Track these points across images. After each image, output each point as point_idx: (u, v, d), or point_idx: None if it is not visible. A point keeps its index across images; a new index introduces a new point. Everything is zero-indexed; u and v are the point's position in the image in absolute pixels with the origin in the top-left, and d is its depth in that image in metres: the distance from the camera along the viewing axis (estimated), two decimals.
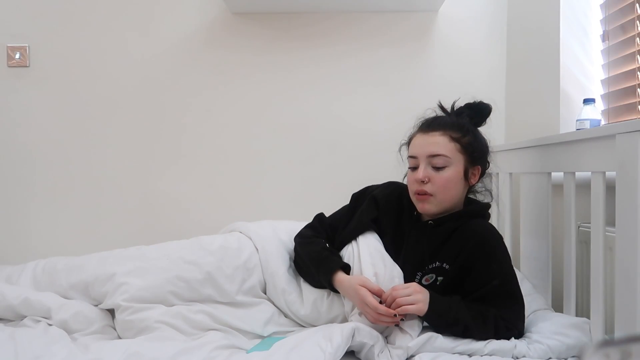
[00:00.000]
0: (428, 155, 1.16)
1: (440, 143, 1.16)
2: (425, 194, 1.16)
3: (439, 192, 1.16)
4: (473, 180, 1.22)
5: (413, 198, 1.21)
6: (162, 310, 1.19)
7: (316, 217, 1.37)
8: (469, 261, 1.13)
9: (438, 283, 1.16)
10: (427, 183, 1.16)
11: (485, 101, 1.25)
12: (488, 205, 1.25)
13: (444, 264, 1.16)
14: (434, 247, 1.18)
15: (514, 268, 1.19)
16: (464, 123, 1.21)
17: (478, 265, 1.13)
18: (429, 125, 1.21)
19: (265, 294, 1.30)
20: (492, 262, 1.13)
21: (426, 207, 1.18)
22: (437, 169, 1.16)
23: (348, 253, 1.25)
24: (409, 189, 1.22)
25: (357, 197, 1.36)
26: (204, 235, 1.42)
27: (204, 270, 1.26)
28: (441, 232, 1.19)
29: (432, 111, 1.29)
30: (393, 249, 1.22)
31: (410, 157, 1.21)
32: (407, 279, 1.17)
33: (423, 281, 1.18)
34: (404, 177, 1.32)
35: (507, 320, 1.08)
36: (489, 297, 1.10)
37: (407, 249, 1.22)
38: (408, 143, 1.26)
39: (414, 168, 1.20)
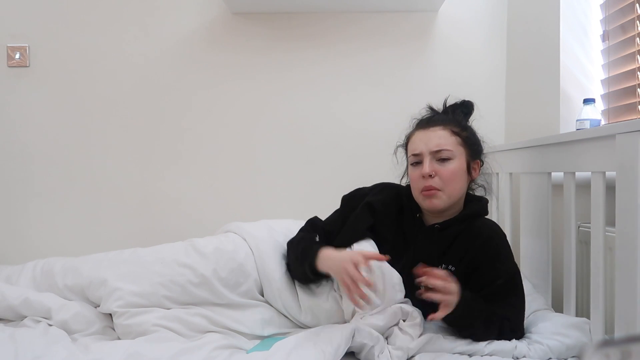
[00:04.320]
0: (432, 150, 1.15)
1: (442, 137, 1.16)
2: (432, 189, 1.14)
3: (446, 185, 1.14)
4: (475, 175, 1.22)
5: (419, 196, 1.18)
6: (159, 313, 1.18)
7: (308, 222, 1.33)
8: (474, 262, 1.14)
9: None
10: (433, 177, 1.14)
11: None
12: (487, 201, 1.25)
13: (450, 266, 1.16)
14: (441, 250, 1.18)
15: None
16: (461, 119, 1.23)
17: (483, 265, 1.13)
18: (428, 122, 1.22)
19: (263, 296, 1.28)
20: (497, 262, 1.14)
21: (435, 203, 1.15)
22: (442, 162, 1.15)
23: None
24: (413, 187, 1.20)
25: (348, 200, 1.33)
26: (197, 238, 1.38)
27: (198, 274, 1.23)
28: (448, 236, 1.18)
29: (425, 111, 1.29)
30: (395, 254, 1.19)
31: (413, 154, 1.19)
32: (412, 283, 1.15)
33: None
34: (401, 178, 1.31)
35: (512, 322, 1.08)
36: (492, 295, 1.10)
37: (415, 253, 1.19)
38: (406, 143, 1.25)
39: (416, 165, 1.19)
